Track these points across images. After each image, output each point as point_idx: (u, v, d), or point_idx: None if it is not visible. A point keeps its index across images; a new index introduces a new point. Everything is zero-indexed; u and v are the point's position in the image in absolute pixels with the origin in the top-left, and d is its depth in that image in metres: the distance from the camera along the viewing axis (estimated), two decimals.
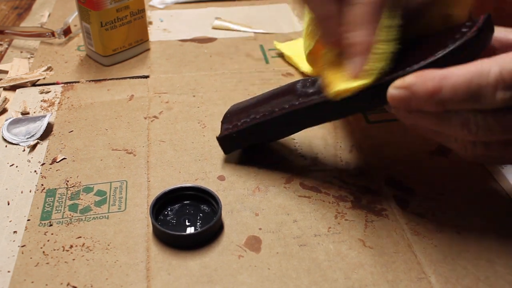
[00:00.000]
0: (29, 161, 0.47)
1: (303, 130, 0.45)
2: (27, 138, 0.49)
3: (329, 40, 0.40)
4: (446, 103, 0.33)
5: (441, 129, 0.35)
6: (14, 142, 0.49)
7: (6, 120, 0.51)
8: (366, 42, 0.37)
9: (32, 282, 0.36)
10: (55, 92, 0.57)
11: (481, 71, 0.32)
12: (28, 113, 0.53)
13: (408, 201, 0.43)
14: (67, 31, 0.67)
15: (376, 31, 0.37)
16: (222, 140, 0.46)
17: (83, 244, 0.39)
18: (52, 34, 0.65)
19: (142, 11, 0.62)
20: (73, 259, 0.38)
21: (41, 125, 0.50)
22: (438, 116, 0.34)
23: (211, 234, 0.39)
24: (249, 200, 0.43)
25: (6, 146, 0.49)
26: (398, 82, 0.35)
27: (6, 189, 0.44)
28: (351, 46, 0.38)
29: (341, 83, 0.39)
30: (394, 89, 0.35)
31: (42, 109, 0.54)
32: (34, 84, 0.58)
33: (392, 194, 0.44)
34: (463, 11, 0.43)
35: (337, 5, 0.39)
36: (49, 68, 0.60)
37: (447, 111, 0.34)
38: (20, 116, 0.53)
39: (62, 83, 0.58)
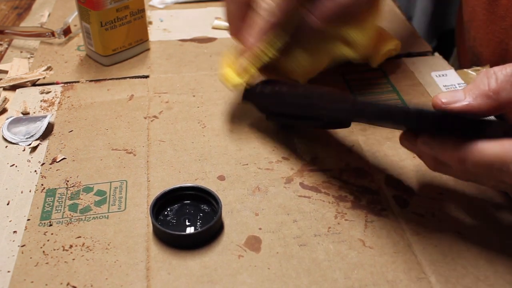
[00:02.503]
0: (29, 161, 0.47)
1: (303, 131, 0.45)
2: (27, 138, 0.49)
3: (232, 34, 0.48)
4: (470, 169, 0.34)
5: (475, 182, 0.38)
6: (13, 141, 0.49)
7: (7, 119, 0.51)
8: (253, 47, 0.45)
9: (32, 282, 0.36)
10: (55, 92, 0.57)
11: (505, 159, 0.32)
12: (28, 113, 0.53)
13: (408, 201, 0.43)
14: (67, 31, 0.67)
15: (264, 42, 0.44)
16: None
17: (83, 244, 0.39)
18: (52, 34, 0.65)
19: (142, 11, 0.62)
20: (73, 259, 0.38)
21: (41, 126, 0.50)
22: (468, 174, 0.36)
23: (211, 234, 0.39)
24: (249, 200, 0.43)
25: (6, 146, 0.49)
26: (428, 139, 0.36)
27: (6, 189, 0.44)
28: (242, 45, 0.46)
29: (230, 75, 0.47)
30: (423, 144, 0.36)
31: (42, 109, 0.54)
32: (34, 84, 0.58)
33: (392, 194, 0.44)
34: (356, 53, 0.50)
35: (245, 7, 0.46)
36: (49, 68, 0.60)
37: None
38: (21, 115, 0.53)
39: (62, 83, 0.58)
